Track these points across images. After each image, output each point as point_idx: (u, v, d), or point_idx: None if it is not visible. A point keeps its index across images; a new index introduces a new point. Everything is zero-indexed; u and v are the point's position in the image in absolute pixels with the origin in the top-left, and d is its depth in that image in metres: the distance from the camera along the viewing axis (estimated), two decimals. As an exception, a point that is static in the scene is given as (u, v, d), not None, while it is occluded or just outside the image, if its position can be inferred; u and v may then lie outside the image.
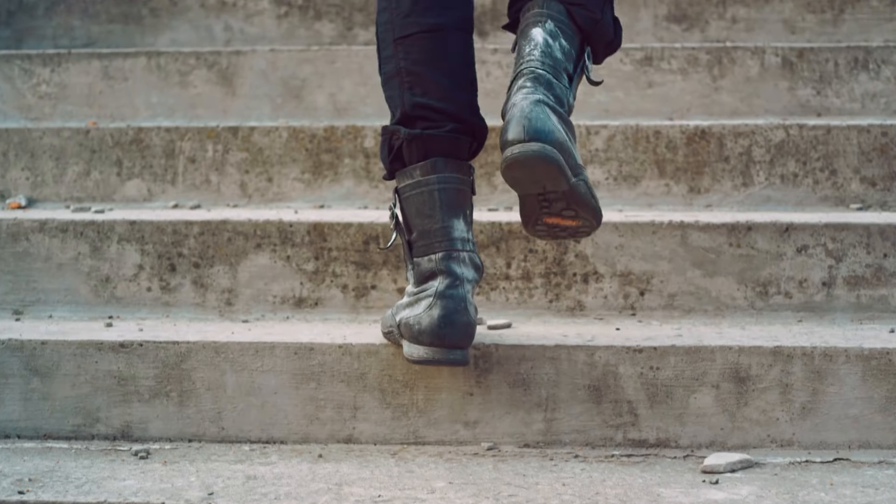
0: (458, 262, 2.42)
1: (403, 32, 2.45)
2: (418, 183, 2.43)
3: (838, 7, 3.94)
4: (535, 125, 2.33)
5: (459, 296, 2.40)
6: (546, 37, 2.42)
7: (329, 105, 3.62)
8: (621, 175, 3.16)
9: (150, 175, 3.28)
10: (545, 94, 2.37)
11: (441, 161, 2.43)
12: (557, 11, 2.44)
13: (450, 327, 2.39)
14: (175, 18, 4.10)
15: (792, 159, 3.14)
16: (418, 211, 2.44)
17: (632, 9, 3.95)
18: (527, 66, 2.40)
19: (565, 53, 2.43)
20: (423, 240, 2.44)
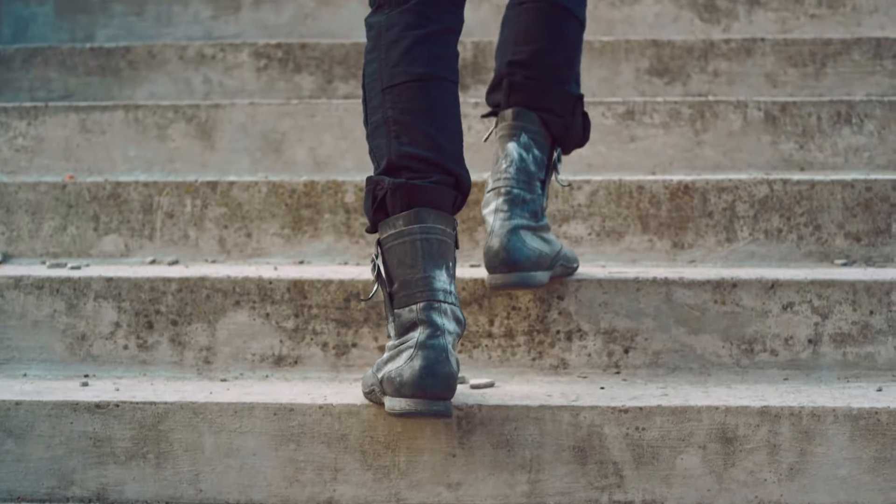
0: (439, 313, 2.41)
1: (392, 82, 2.46)
2: (401, 233, 2.43)
3: (820, 61, 3.93)
4: (514, 255, 2.64)
5: (441, 346, 2.38)
6: (520, 151, 2.70)
7: (309, 159, 3.59)
8: (604, 230, 3.13)
9: (128, 230, 3.24)
10: (520, 214, 2.68)
11: (425, 211, 2.43)
12: (530, 121, 2.71)
13: (431, 378, 2.37)
14: (153, 71, 4.07)
15: (776, 214, 3.11)
16: (400, 261, 2.43)
17: (613, 62, 3.93)
18: (504, 185, 2.70)
19: (538, 163, 2.72)
20: (405, 290, 2.43)
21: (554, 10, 2.77)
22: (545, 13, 2.77)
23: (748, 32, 4.29)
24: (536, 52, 2.75)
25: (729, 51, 3.94)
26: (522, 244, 2.66)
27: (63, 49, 4.11)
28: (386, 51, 2.48)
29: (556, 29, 2.76)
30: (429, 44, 2.48)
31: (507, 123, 2.74)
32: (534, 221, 2.70)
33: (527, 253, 2.66)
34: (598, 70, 3.91)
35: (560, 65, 2.77)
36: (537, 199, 2.72)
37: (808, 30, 4.31)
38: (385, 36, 2.49)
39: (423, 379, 2.36)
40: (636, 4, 4.33)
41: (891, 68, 3.94)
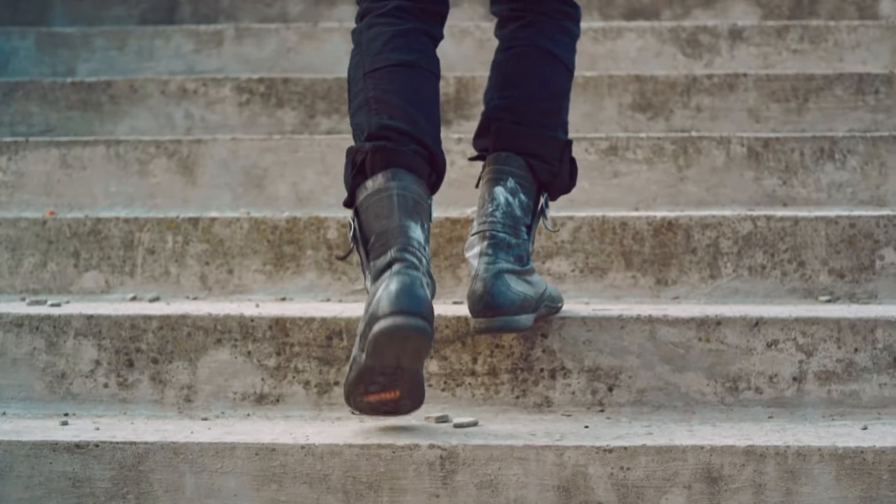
0: (413, 256, 2.43)
1: (374, 66, 2.56)
2: (378, 190, 2.48)
3: (802, 96, 3.94)
4: (498, 300, 2.61)
5: (415, 275, 2.41)
6: (507, 196, 2.68)
7: (291, 195, 3.57)
8: (587, 267, 3.12)
9: (109, 266, 3.22)
10: (505, 258, 2.64)
11: (402, 172, 2.48)
12: (518, 167, 2.69)
13: (408, 297, 2.37)
14: (135, 106, 4.06)
15: (760, 251, 3.11)
16: (376, 215, 2.46)
17: (596, 97, 3.93)
18: (489, 229, 2.66)
19: (524, 209, 2.69)
20: (380, 240, 2.45)
21: (541, 55, 2.77)
22: (532, 58, 2.77)
23: (731, 68, 4.29)
24: (523, 97, 2.75)
25: (712, 86, 3.94)
26: (507, 288, 2.63)
27: (44, 83, 4.09)
28: (367, 45, 2.58)
29: (543, 75, 2.77)
30: (408, 38, 2.58)
31: (494, 168, 2.72)
32: (519, 266, 2.68)
33: (511, 297, 2.63)
34: (581, 105, 3.90)
35: (547, 111, 2.77)
36: (522, 244, 2.70)
37: (791, 65, 4.32)
38: (367, 34, 2.60)
39: (399, 297, 2.37)
40: (619, 39, 4.34)
41: (873, 104, 3.94)
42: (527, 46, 2.76)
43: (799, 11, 4.71)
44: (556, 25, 2.79)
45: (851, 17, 4.71)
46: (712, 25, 4.34)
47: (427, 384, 2.75)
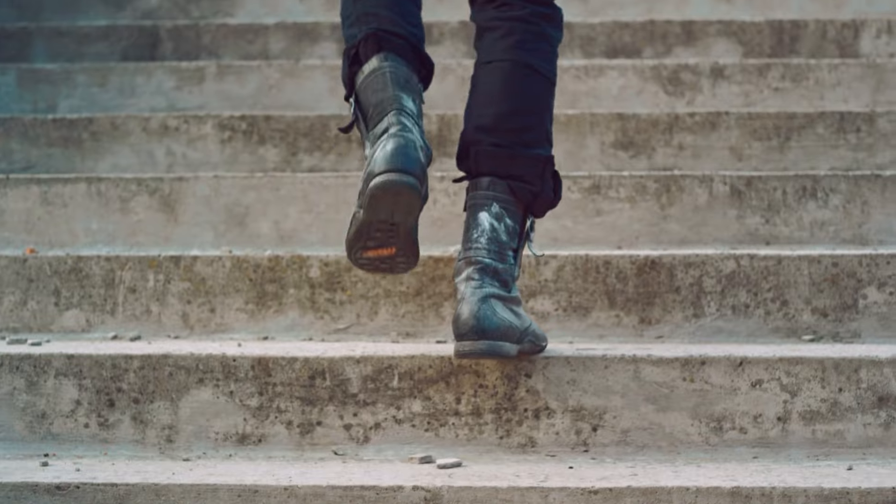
0: (408, 118, 2.63)
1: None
2: (373, 70, 2.68)
3: (784, 134, 3.94)
4: (483, 324, 2.63)
5: (410, 138, 2.60)
6: (492, 221, 2.70)
7: (273, 232, 3.56)
8: (571, 306, 3.11)
9: (89, 305, 3.20)
10: (491, 284, 2.66)
11: (394, 55, 2.69)
12: (501, 191, 2.71)
13: (403, 156, 2.57)
14: (116, 142, 4.05)
15: (743, 290, 3.10)
16: (373, 90, 2.66)
17: (578, 135, 3.93)
18: (475, 255, 2.69)
19: (510, 233, 2.71)
20: (377, 109, 2.64)
21: (519, 69, 2.76)
22: (510, 73, 2.76)
23: (712, 106, 4.30)
24: (501, 114, 2.74)
25: (694, 124, 3.95)
26: (493, 313, 2.64)
27: (25, 120, 4.08)
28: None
29: (521, 89, 2.75)
30: None
31: (478, 193, 2.73)
32: (505, 291, 2.69)
33: (496, 322, 2.64)
34: (563, 143, 3.90)
35: (527, 127, 2.75)
36: (509, 268, 2.71)
37: (772, 103, 4.33)
38: None
39: (394, 156, 2.57)
40: (601, 77, 4.34)
41: (854, 142, 3.95)
42: (504, 60, 2.76)
43: (780, 49, 4.73)
44: (533, 32, 2.78)
45: (832, 55, 4.72)
46: (694, 63, 4.35)
47: (410, 424, 2.74)
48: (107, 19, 5.20)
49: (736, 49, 4.74)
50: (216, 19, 5.21)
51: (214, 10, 5.26)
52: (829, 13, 5.15)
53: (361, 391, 2.77)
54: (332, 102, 4.38)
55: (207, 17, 5.24)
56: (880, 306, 3.10)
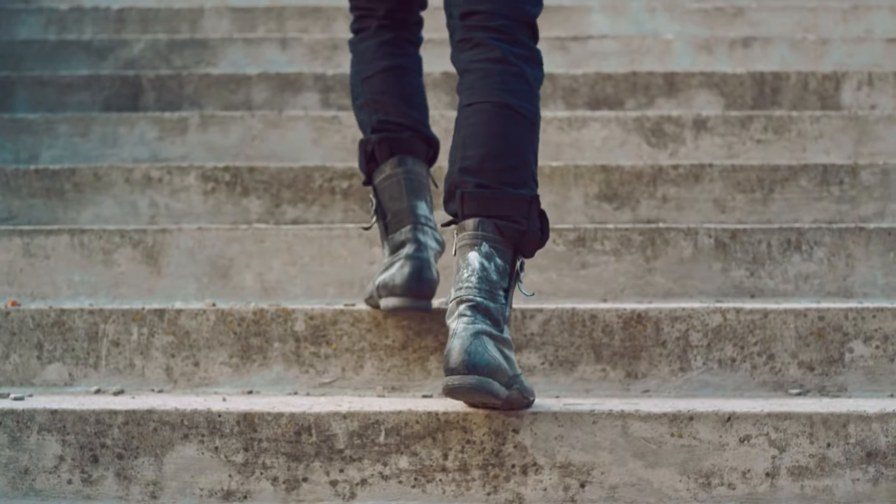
0: (422, 233, 3.06)
1: (367, 73, 3.15)
2: (389, 176, 3.09)
3: (768, 187, 3.95)
4: (475, 360, 2.62)
5: (424, 258, 3.03)
6: (482, 260, 2.70)
7: (257, 285, 3.55)
8: (557, 360, 3.10)
9: (72, 358, 3.17)
10: (483, 321, 2.67)
11: (404, 157, 3.09)
12: (489, 230, 2.72)
13: (416, 281, 3.00)
14: (99, 193, 4.03)
15: (729, 344, 3.10)
16: (390, 196, 3.08)
17: (562, 187, 3.93)
18: (466, 294, 2.69)
19: (500, 272, 2.71)
20: (395, 218, 3.07)
21: (499, 110, 2.76)
22: (490, 115, 2.77)
23: (695, 157, 4.31)
24: (485, 156, 2.75)
25: (677, 176, 3.95)
26: (484, 349, 2.64)
27: (7, 170, 4.06)
28: (361, 55, 3.18)
29: (502, 131, 2.76)
30: (392, 46, 3.16)
31: (467, 234, 2.74)
32: (497, 330, 2.69)
33: (487, 359, 2.63)
34: (548, 195, 3.90)
35: (510, 167, 2.75)
36: (500, 308, 2.71)
37: (754, 154, 4.34)
38: (360, 46, 3.19)
39: (410, 282, 3.00)
40: (584, 129, 4.35)
41: (837, 194, 3.96)
42: (485, 103, 2.77)
43: (762, 101, 4.75)
44: (512, 73, 2.78)
45: (814, 106, 4.75)
46: (676, 115, 4.36)
47: (397, 480, 2.72)
48: (89, 69, 5.20)
49: (718, 101, 4.76)
50: (198, 69, 5.21)
51: (197, 60, 5.26)
52: (810, 65, 5.19)
53: (348, 447, 2.75)
54: (315, 153, 4.38)
55: (190, 67, 5.24)
56: (866, 360, 3.10)
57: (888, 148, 4.37)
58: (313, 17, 5.73)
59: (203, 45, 5.31)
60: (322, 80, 4.83)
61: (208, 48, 5.30)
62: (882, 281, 3.54)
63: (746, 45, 5.26)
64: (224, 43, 5.31)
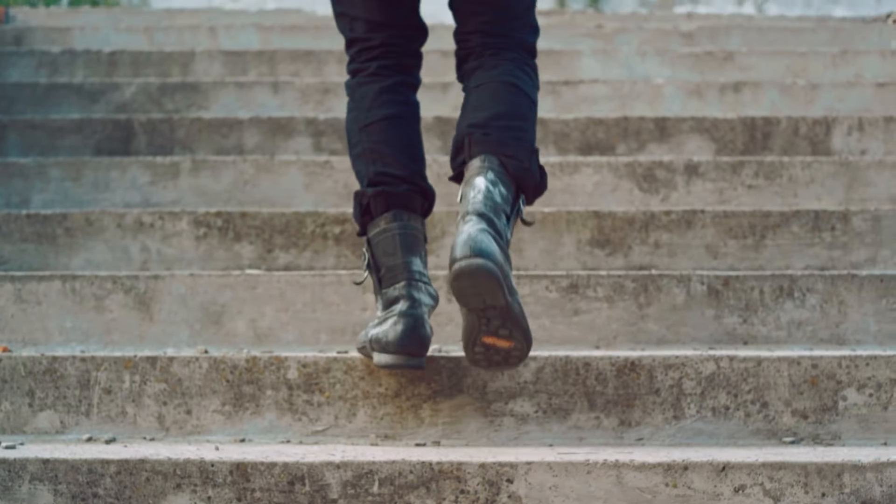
0: (416, 290, 3.00)
1: (366, 122, 3.11)
2: (383, 230, 3.05)
3: (759, 233, 3.96)
4: (480, 246, 2.81)
5: (418, 315, 2.98)
6: (488, 185, 2.93)
7: (249, 331, 3.54)
8: (551, 408, 3.09)
9: (64, 406, 3.16)
10: (488, 226, 2.86)
11: (399, 212, 3.05)
12: (494, 164, 2.96)
13: (410, 339, 2.96)
14: (91, 239, 4.03)
15: (723, 392, 3.09)
16: (384, 251, 3.04)
17: (555, 233, 3.94)
18: (472, 208, 2.90)
19: (503, 198, 2.93)
20: (389, 273, 3.03)
21: (508, 87, 3.05)
22: (499, 89, 3.05)
23: (687, 203, 4.32)
24: (493, 116, 3.01)
25: (670, 222, 3.96)
26: (490, 242, 2.82)
27: (-2, 215, 4.06)
28: (360, 101, 3.13)
29: (510, 101, 3.04)
30: (391, 93, 3.11)
31: (474, 166, 2.95)
32: (501, 240, 2.88)
33: (493, 248, 2.82)
34: (540, 241, 3.91)
35: (516, 128, 3.01)
36: (503, 227, 2.90)
37: (746, 200, 4.35)
38: (358, 91, 3.14)
39: (403, 339, 2.96)
40: (576, 174, 4.36)
41: (829, 240, 3.97)
42: (493, 81, 3.06)
43: (752, 146, 4.76)
44: (519, 67, 3.09)
45: (804, 152, 4.76)
46: (668, 161, 4.37)
47: (391, 530, 2.71)
48: (80, 112, 5.20)
49: (709, 146, 4.77)
50: (190, 113, 5.21)
51: (188, 104, 5.27)
52: (801, 110, 5.21)
53: (341, 497, 2.73)
54: (307, 198, 4.38)
55: (181, 111, 5.24)
56: (860, 408, 3.09)
57: (879, 193, 4.38)
58: (304, 60, 5.74)
59: (194, 88, 5.31)
60: (314, 124, 4.84)
61: (200, 92, 5.30)
62: (875, 328, 3.55)
63: (737, 89, 5.27)
64: (216, 86, 5.31)
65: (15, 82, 5.44)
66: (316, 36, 6.25)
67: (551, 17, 6.89)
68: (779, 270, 3.88)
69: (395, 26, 3.14)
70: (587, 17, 6.86)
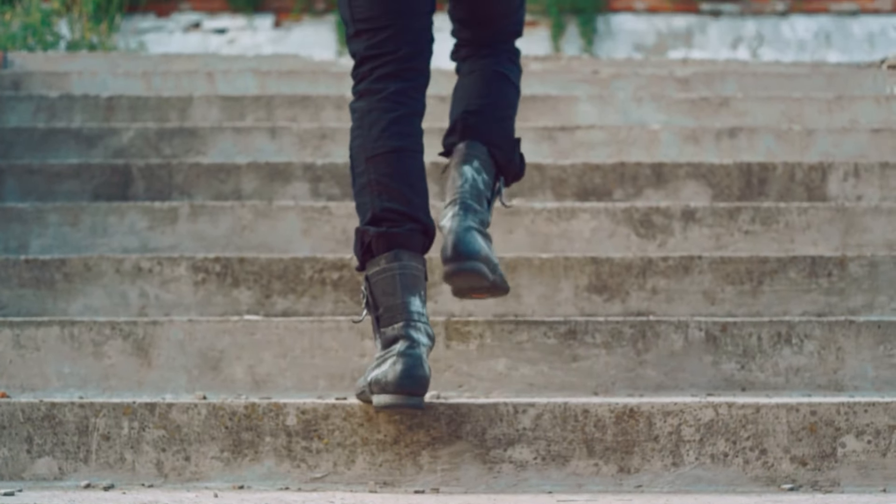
0: (415, 330, 3.03)
1: (374, 153, 3.14)
2: (383, 269, 3.08)
3: (757, 279, 3.97)
4: (467, 248, 3.30)
5: (416, 355, 3.00)
6: (473, 173, 3.37)
7: (248, 377, 3.54)
8: (549, 455, 3.09)
9: (62, 452, 3.16)
10: (472, 219, 3.33)
11: (401, 252, 3.09)
12: (481, 152, 3.41)
13: (409, 379, 2.97)
14: (89, 284, 4.03)
15: (722, 438, 3.10)
16: (383, 291, 3.07)
17: (552, 279, 3.94)
18: (460, 197, 3.35)
19: (486, 185, 3.40)
20: (388, 313, 3.05)
21: (496, 75, 3.48)
22: (489, 77, 3.48)
23: (684, 249, 4.33)
24: (483, 104, 3.44)
25: (667, 268, 3.97)
26: (474, 240, 3.31)
27: (-3, 260, 4.06)
28: (368, 129, 3.15)
29: (499, 89, 3.48)
30: (400, 124, 3.16)
31: (462, 152, 3.40)
32: (482, 227, 3.35)
33: (477, 248, 3.31)
34: (538, 287, 3.92)
35: (503, 117, 3.47)
36: (484, 212, 3.38)
37: (743, 246, 4.36)
38: (367, 118, 3.16)
39: (402, 380, 2.97)
40: (573, 219, 4.37)
41: (826, 286, 3.98)
42: (484, 70, 3.48)
43: (749, 192, 4.78)
44: (505, 58, 3.52)
45: (800, 197, 4.78)
46: (665, 206, 4.39)
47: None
48: (78, 157, 5.22)
49: (705, 191, 4.79)
50: (188, 158, 5.23)
51: (186, 149, 5.28)
52: (797, 155, 5.23)
53: (341, 544, 2.73)
54: (304, 244, 4.39)
55: (179, 156, 5.26)
56: (859, 455, 3.10)
57: (875, 239, 4.40)
58: (302, 105, 5.76)
59: (192, 133, 5.33)
60: (311, 169, 4.85)
61: (198, 137, 5.32)
62: (872, 374, 3.55)
63: (733, 135, 5.30)
64: (213, 132, 5.33)
65: (13, 127, 5.45)
66: (313, 81, 6.28)
67: (547, 62, 6.92)
68: (776, 316, 3.89)
69: (413, 41, 3.19)
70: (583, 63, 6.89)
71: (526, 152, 5.11)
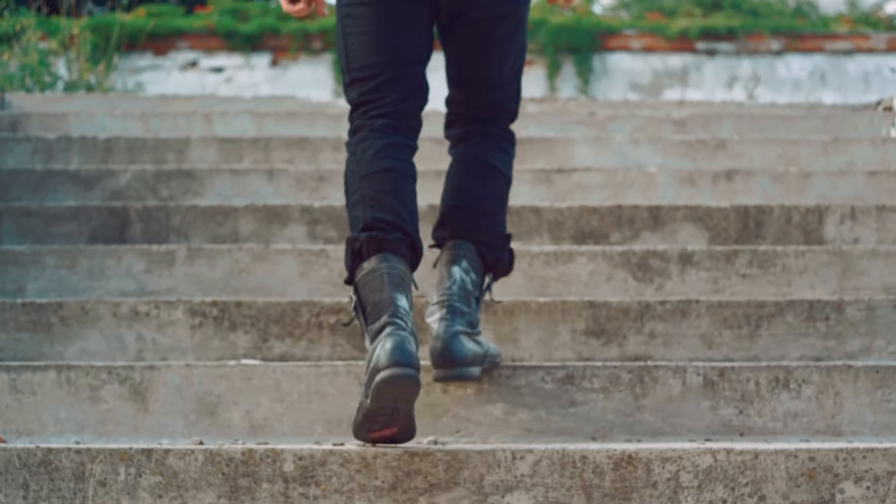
0: (401, 320, 3.03)
1: (368, 171, 3.22)
2: (372, 269, 3.10)
3: (754, 323, 3.97)
4: (454, 355, 3.32)
5: (404, 335, 3.00)
6: (462, 274, 3.38)
7: (245, 422, 3.53)
8: (548, 501, 3.08)
9: (59, 499, 3.14)
10: (459, 322, 3.34)
11: (390, 255, 3.12)
12: (470, 252, 3.42)
13: (400, 353, 2.96)
14: (85, 327, 4.02)
15: (720, 485, 3.09)
16: (371, 289, 3.08)
17: (550, 323, 3.94)
18: (447, 300, 3.36)
19: (474, 284, 3.41)
20: (375, 309, 3.06)
21: (485, 166, 3.47)
22: (477, 168, 3.48)
23: (681, 292, 4.33)
24: (471, 198, 3.46)
25: (664, 312, 3.97)
26: (461, 345, 3.32)
27: (-6, 304, 4.06)
28: (362, 154, 3.24)
29: (486, 182, 3.47)
30: (393, 150, 3.24)
31: (452, 252, 3.41)
32: (470, 329, 3.36)
33: (464, 352, 3.33)
34: (535, 331, 3.91)
35: (492, 211, 3.48)
36: (473, 312, 3.39)
37: (740, 289, 4.36)
38: (360, 146, 3.26)
39: (393, 354, 2.96)
40: (570, 263, 4.38)
41: (824, 330, 3.98)
42: (474, 160, 3.48)
43: (746, 235, 4.78)
44: (496, 146, 3.51)
45: (797, 240, 4.78)
46: (662, 250, 4.39)
47: None
48: (76, 199, 5.22)
49: (702, 234, 4.80)
50: (185, 200, 5.23)
51: (183, 191, 5.29)
52: (793, 198, 5.24)
53: (338, 593, 2.72)
54: (302, 287, 4.39)
55: (177, 198, 5.26)
56: (857, 501, 3.09)
57: (872, 283, 4.40)
58: (299, 147, 5.77)
59: (190, 175, 5.33)
60: (309, 212, 4.86)
61: (195, 179, 5.32)
62: (871, 419, 3.55)
63: (729, 177, 5.31)
64: (211, 174, 5.34)
65: (11, 168, 5.46)
66: (310, 123, 6.29)
67: (544, 104, 6.93)
68: (774, 361, 3.88)
69: (406, 87, 3.30)
70: (580, 105, 6.91)
71: (523, 195, 5.14)
